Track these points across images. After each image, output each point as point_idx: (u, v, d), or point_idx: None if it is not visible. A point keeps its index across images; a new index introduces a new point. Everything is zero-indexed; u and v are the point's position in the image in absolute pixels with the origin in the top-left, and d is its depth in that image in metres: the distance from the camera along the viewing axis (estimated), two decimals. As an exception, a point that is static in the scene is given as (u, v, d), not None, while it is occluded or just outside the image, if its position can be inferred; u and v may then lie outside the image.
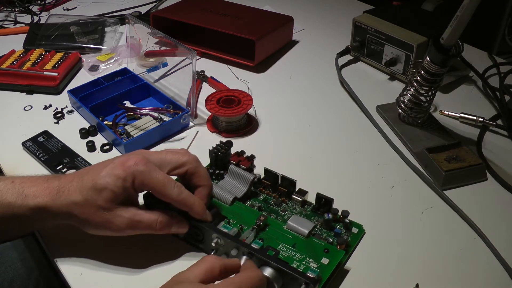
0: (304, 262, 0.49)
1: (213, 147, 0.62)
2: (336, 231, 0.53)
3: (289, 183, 0.58)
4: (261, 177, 0.60)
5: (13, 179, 0.50)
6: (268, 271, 0.46)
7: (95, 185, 0.47)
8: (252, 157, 0.62)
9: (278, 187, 0.58)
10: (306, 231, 0.52)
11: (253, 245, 0.49)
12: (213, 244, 0.50)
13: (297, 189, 0.58)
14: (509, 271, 0.51)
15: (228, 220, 0.55)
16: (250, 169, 0.61)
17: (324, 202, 0.56)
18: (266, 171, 0.59)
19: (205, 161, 0.64)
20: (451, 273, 0.51)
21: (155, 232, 0.50)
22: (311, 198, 0.57)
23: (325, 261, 0.49)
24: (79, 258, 0.52)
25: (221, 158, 0.61)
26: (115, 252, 0.53)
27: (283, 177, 0.58)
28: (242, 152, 0.63)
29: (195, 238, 0.53)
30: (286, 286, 0.47)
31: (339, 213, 0.55)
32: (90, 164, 0.65)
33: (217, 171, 0.61)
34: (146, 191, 0.53)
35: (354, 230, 0.55)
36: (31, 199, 0.48)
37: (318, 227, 0.54)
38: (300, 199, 0.57)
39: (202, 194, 0.52)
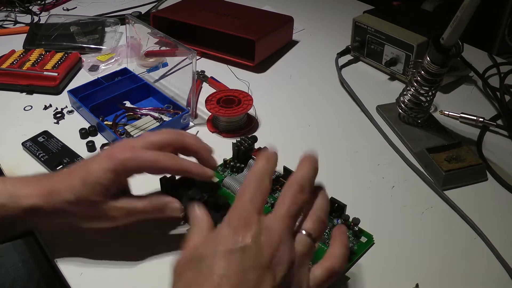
0: None
1: (237, 140, 0.63)
2: None
3: None
4: (280, 175, 0.60)
5: (3, 179, 0.50)
6: None
7: (86, 182, 0.47)
8: None
9: None
10: None
11: None
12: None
13: None
14: (509, 271, 0.51)
15: None
16: None
17: (337, 207, 0.56)
18: (285, 169, 0.59)
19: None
20: (451, 273, 0.51)
21: (150, 215, 0.50)
22: None
23: None
24: (79, 258, 0.52)
25: (243, 152, 0.62)
26: (115, 251, 0.53)
27: None
28: (265, 149, 0.63)
29: None
30: None
31: (350, 220, 0.54)
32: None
33: (238, 164, 0.62)
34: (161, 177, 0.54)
35: (363, 239, 0.54)
36: (24, 200, 0.48)
37: (326, 231, 0.54)
38: None
39: (205, 158, 0.52)
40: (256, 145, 0.64)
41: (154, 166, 0.48)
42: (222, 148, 0.64)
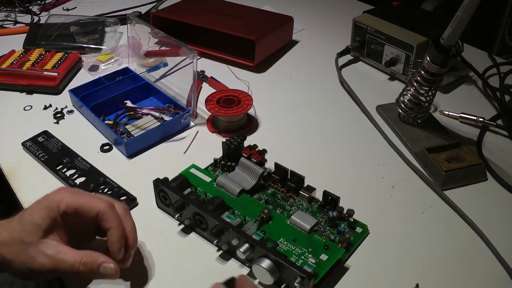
0: (302, 257, 0.50)
1: (226, 139, 0.63)
2: (339, 229, 0.54)
3: (298, 179, 0.59)
4: (271, 172, 0.60)
5: None
6: (265, 263, 0.47)
7: (21, 220, 0.46)
8: (263, 151, 0.63)
9: (287, 182, 0.59)
10: (308, 227, 0.53)
11: (254, 237, 0.50)
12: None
13: (305, 185, 0.59)
14: (509, 271, 0.51)
15: (232, 211, 0.55)
16: (261, 163, 0.62)
17: (330, 200, 0.56)
18: (276, 165, 0.60)
19: (205, 160, 0.65)
20: (451, 273, 0.52)
21: (78, 275, 0.45)
22: (319, 195, 0.58)
23: (323, 257, 0.50)
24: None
25: (233, 150, 0.62)
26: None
27: (292, 173, 0.59)
28: (255, 146, 0.64)
29: (200, 226, 0.54)
30: (282, 279, 0.48)
31: (344, 212, 0.55)
32: (90, 164, 0.65)
33: (229, 163, 0.62)
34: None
35: (358, 229, 0.55)
36: None
37: (322, 224, 0.55)
38: (307, 195, 0.57)
39: (114, 237, 0.47)
40: (259, 145, 0.64)
41: (87, 206, 0.46)
42: (221, 148, 0.64)
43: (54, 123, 0.75)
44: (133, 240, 0.48)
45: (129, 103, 0.77)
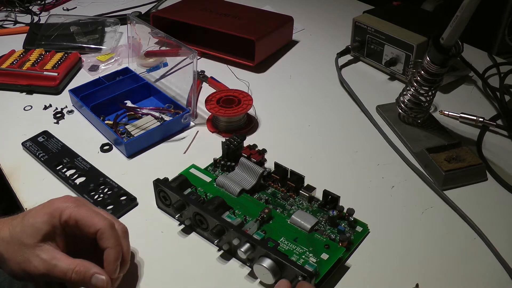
0: (303, 256, 0.50)
1: (226, 139, 0.63)
2: (340, 228, 0.54)
3: (298, 179, 0.59)
4: (271, 171, 0.60)
5: None
6: (266, 262, 0.47)
7: (23, 221, 0.47)
8: (263, 151, 0.63)
9: (287, 181, 0.59)
10: (309, 226, 0.53)
11: (255, 236, 0.50)
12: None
13: (305, 185, 0.59)
14: (509, 271, 0.51)
15: (233, 211, 0.55)
16: (261, 162, 0.62)
17: (330, 199, 0.57)
18: (276, 165, 0.60)
19: (205, 160, 0.65)
20: (451, 273, 0.52)
21: (70, 282, 0.46)
22: (319, 194, 0.58)
23: (324, 256, 0.50)
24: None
25: (233, 150, 0.63)
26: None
27: (292, 172, 0.59)
28: (254, 146, 0.64)
29: (200, 226, 0.54)
30: (283, 278, 0.48)
31: (345, 211, 0.55)
32: (90, 164, 0.65)
33: (229, 163, 0.63)
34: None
35: (359, 228, 0.55)
36: None
37: (322, 223, 0.55)
38: (307, 195, 0.58)
39: (111, 257, 0.47)
40: (258, 145, 0.64)
41: (88, 221, 0.47)
42: (221, 148, 0.64)
43: (54, 123, 0.75)
44: (125, 263, 0.48)
45: (129, 103, 0.77)
